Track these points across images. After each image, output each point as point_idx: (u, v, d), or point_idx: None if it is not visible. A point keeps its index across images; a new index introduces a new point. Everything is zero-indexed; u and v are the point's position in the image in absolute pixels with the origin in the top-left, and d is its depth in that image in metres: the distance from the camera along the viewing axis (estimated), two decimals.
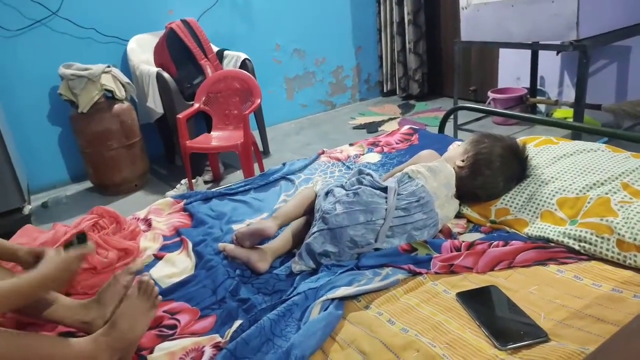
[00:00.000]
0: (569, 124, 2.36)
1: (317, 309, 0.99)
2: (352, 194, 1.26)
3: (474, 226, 1.37)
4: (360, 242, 1.20)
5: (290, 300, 1.02)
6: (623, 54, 2.84)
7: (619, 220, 1.12)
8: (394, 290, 1.08)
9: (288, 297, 1.05)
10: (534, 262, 1.13)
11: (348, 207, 1.23)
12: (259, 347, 0.91)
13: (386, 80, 4.26)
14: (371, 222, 1.22)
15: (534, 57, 3.15)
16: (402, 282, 1.10)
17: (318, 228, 1.22)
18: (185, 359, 0.93)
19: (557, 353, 0.83)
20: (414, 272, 1.12)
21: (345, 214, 1.21)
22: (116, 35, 3.01)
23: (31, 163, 2.89)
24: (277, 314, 0.97)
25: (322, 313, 0.97)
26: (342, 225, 1.20)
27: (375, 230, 1.22)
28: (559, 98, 3.17)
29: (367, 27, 4.16)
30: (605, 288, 1.01)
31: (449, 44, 3.88)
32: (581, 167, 1.36)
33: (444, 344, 0.89)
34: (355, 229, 1.20)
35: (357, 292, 1.04)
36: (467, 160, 1.40)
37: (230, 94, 2.80)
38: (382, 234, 1.22)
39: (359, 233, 1.20)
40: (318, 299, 1.02)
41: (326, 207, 1.25)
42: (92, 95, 2.58)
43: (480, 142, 1.42)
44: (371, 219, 1.22)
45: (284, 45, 3.75)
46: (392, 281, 1.09)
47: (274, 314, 0.97)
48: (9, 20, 2.68)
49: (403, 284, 1.10)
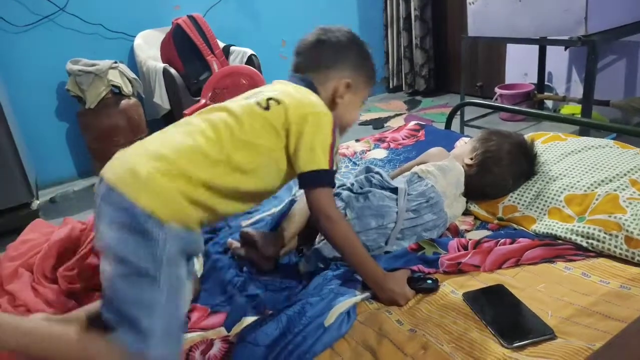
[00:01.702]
0: (576, 120, 2.35)
1: (332, 317, 0.97)
2: (362, 198, 1.24)
3: (481, 223, 1.36)
4: (372, 247, 1.19)
5: (305, 300, 1.02)
6: (632, 49, 2.82)
7: (627, 217, 1.12)
8: None
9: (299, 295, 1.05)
10: (542, 259, 1.12)
11: (359, 212, 1.21)
12: (277, 339, 0.91)
13: (392, 76, 4.25)
14: (382, 226, 1.20)
15: (542, 52, 3.12)
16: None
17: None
18: (195, 352, 0.94)
19: (563, 350, 0.83)
20: (424, 273, 1.12)
21: (357, 220, 1.20)
22: (123, 31, 3.02)
23: (39, 158, 2.90)
24: (294, 311, 0.98)
25: (337, 320, 0.96)
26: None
27: (386, 234, 1.21)
28: (566, 94, 3.14)
29: (373, 23, 4.14)
30: (613, 285, 1.01)
31: (456, 39, 3.85)
32: (589, 163, 1.35)
33: (451, 344, 0.90)
34: (367, 234, 1.19)
35: (367, 297, 1.05)
36: (476, 158, 1.40)
37: (236, 90, 2.80)
38: (392, 237, 1.21)
39: (371, 238, 1.19)
40: (332, 302, 1.01)
41: None
42: (100, 91, 2.59)
43: (489, 139, 1.41)
44: (382, 224, 1.20)
45: (290, 41, 3.74)
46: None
47: (292, 311, 0.98)
48: (17, 16, 2.69)
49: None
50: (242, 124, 0.97)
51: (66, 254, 1.27)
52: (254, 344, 0.89)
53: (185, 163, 0.90)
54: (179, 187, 0.89)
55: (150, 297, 0.84)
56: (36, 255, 1.26)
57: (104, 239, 0.87)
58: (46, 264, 1.24)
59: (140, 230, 0.85)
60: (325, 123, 1.01)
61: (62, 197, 2.80)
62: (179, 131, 0.98)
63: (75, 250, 1.27)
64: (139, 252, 0.84)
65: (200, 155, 0.92)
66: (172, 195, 0.88)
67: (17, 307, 1.14)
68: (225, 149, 0.94)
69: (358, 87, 1.14)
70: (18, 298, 1.16)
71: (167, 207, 0.87)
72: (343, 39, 1.13)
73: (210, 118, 0.99)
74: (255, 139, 0.97)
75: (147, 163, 0.90)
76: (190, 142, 0.93)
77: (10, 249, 1.32)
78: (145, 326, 0.81)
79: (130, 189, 0.87)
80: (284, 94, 1.03)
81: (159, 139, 0.98)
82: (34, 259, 1.26)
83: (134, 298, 0.83)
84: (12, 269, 1.23)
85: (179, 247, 0.88)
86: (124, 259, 0.84)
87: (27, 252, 1.28)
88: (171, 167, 0.89)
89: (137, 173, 0.88)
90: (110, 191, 0.88)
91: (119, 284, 0.84)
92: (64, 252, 1.27)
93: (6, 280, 1.21)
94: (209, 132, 0.95)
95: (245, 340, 0.90)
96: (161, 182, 0.88)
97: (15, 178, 2.27)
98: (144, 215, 0.85)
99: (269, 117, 0.99)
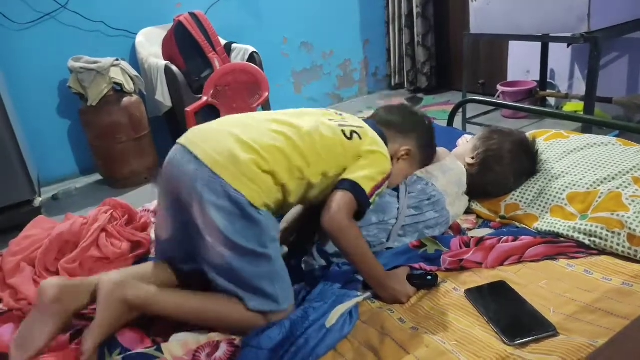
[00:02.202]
0: (579, 117, 2.34)
1: (334, 318, 0.98)
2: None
3: (483, 222, 1.36)
4: (373, 242, 1.19)
5: (308, 305, 1.02)
6: (635, 46, 2.81)
7: (630, 214, 1.12)
8: None
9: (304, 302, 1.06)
10: (544, 256, 1.12)
11: None
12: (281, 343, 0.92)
13: (394, 73, 4.24)
14: (383, 222, 1.20)
15: (544, 49, 3.11)
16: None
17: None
18: (201, 353, 0.94)
19: (566, 346, 0.83)
20: (426, 270, 1.12)
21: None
22: (125, 28, 3.02)
23: (41, 156, 2.91)
24: (297, 315, 0.98)
25: (340, 321, 0.97)
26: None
27: (388, 230, 1.21)
28: (569, 91, 3.13)
29: (375, 20, 4.13)
30: (615, 282, 1.01)
31: (458, 36, 3.84)
32: (592, 161, 1.34)
33: (453, 341, 0.90)
34: (368, 230, 1.19)
35: (368, 296, 1.06)
36: (477, 157, 1.39)
37: (238, 87, 2.80)
38: (394, 233, 1.21)
39: (372, 233, 1.19)
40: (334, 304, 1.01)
41: None
42: (101, 89, 2.60)
43: (490, 138, 1.41)
44: (383, 219, 1.20)
45: (291, 38, 3.74)
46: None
47: (295, 315, 0.98)
48: (19, 13, 2.69)
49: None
50: (322, 141, 1.06)
51: (68, 248, 1.28)
52: (257, 347, 0.89)
53: (273, 162, 1.00)
54: (267, 181, 0.99)
55: (268, 270, 0.99)
56: (38, 250, 1.27)
57: (213, 223, 0.95)
58: (48, 258, 1.25)
59: (246, 216, 0.96)
60: (384, 165, 1.12)
61: (65, 194, 2.80)
62: (266, 127, 1.06)
63: (76, 244, 1.28)
64: (249, 234, 0.96)
65: (284, 158, 1.02)
66: (268, 187, 0.99)
67: (19, 300, 1.14)
68: (305, 160, 1.03)
69: (414, 159, 1.29)
70: (20, 292, 1.16)
71: (261, 196, 0.98)
72: (424, 120, 1.33)
73: (296, 124, 1.08)
74: (327, 158, 1.06)
75: (243, 152, 0.98)
76: (280, 143, 1.02)
77: (12, 244, 1.32)
78: (270, 292, 0.98)
79: (232, 178, 0.96)
80: (365, 130, 1.14)
81: (246, 127, 1.05)
82: (35, 254, 1.26)
83: (253, 273, 0.97)
84: (14, 264, 1.24)
85: (273, 226, 1.02)
86: (236, 243, 0.95)
87: (29, 247, 1.29)
88: (263, 162, 0.99)
89: (238, 160, 0.97)
90: (213, 176, 0.95)
91: (236, 263, 0.96)
92: (66, 245, 1.28)
93: (8, 275, 1.22)
94: (296, 139, 1.04)
95: (249, 344, 0.91)
96: (257, 172, 0.98)
97: (17, 175, 2.27)
98: (247, 203, 0.95)
99: (347, 146, 1.09)
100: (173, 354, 0.93)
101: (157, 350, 0.94)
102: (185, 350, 0.95)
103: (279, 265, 1.01)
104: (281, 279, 1.01)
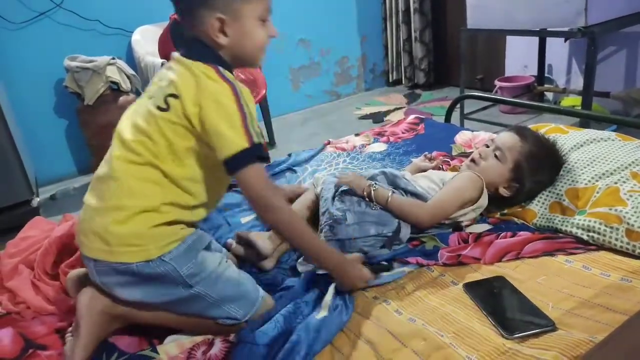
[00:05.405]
0: (577, 112, 2.34)
1: (325, 309, 0.98)
2: (363, 202, 1.23)
3: (482, 217, 1.36)
4: (370, 251, 1.18)
5: (299, 299, 1.02)
6: (632, 40, 2.80)
7: (628, 209, 1.11)
8: (402, 282, 1.08)
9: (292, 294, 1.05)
10: (542, 252, 1.12)
11: (360, 218, 1.19)
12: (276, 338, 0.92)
13: (392, 69, 4.23)
14: (382, 234, 1.20)
15: (542, 44, 3.10)
16: (409, 274, 1.10)
17: (326, 237, 1.19)
18: (196, 351, 0.94)
19: (564, 342, 0.83)
20: (422, 265, 1.12)
21: (357, 226, 1.18)
22: (120, 27, 3.00)
23: (38, 156, 2.90)
24: (288, 310, 0.98)
25: (333, 313, 0.96)
26: (351, 237, 1.17)
27: (384, 241, 1.20)
28: (567, 86, 3.13)
29: (372, 16, 4.12)
30: (614, 277, 1.01)
31: (455, 32, 3.83)
32: (590, 157, 1.34)
33: (451, 334, 0.90)
34: (366, 240, 1.18)
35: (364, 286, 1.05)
36: (511, 189, 1.32)
37: None
38: (391, 243, 1.20)
39: (368, 244, 1.19)
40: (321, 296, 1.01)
41: (336, 215, 1.20)
42: (98, 88, 2.59)
43: (521, 167, 1.30)
44: (382, 232, 1.19)
45: (289, 35, 3.72)
46: (399, 274, 1.09)
47: (286, 311, 0.98)
48: (14, 12, 2.68)
49: (411, 276, 1.10)
50: (155, 142, 0.91)
51: (66, 250, 1.27)
52: (253, 343, 0.89)
53: (134, 202, 0.90)
54: (144, 223, 0.90)
55: (207, 303, 0.96)
56: (36, 252, 1.26)
57: (132, 299, 0.95)
58: (47, 260, 1.24)
59: (148, 277, 0.92)
60: (223, 98, 0.88)
61: (62, 194, 2.80)
62: (106, 175, 0.94)
63: (75, 247, 1.27)
64: (167, 288, 0.94)
65: (142, 186, 0.91)
66: (147, 234, 0.91)
67: (17, 304, 1.14)
68: (156, 162, 0.91)
69: (238, 10, 0.91)
70: (18, 295, 1.16)
71: (150, 246, 0.91)
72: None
73: (123, 150, 0.93)
74: (174, 144, 0.91)
75: (102, 220, 0.91)
76: (120, 180, 0.91)
77: (9, 246, 1.32)
78: (223, 314, 0.97)
79: (109, 255, 0.91)
80: (177, 81, 0.92)
81: (96, 191, 0.96)
82: (33, 256, 1.26)
83: (199, 308, 0.96)
84: (12, 266, 1.23)
85: (190, 257, 0.95)
86: (163, 301, 0.95)
87: (26, 249, 1.28)
88: (125, 212, 0.90)
89: (104, 236, 0.91)
90: (97, 264, 0.93)
91: (179, 309, 0.97)
92: (64, 248, 1.27)
93: (6, 277, 1.21)
94: (133, 157, 0.91)
95: (244, 340, 0.91)
96: (127, 230, 0.90)
97: (14, 175, 2.26)
98: (141, 266, 0.91)
99: (168, 117, 0.91)
100: (169, 353, 0.94)
101: (153, 351, 0.94)
102: (180, 349, 0.95)
103: (219, 288, 0.96)
104: (228, 300, 0.97)
